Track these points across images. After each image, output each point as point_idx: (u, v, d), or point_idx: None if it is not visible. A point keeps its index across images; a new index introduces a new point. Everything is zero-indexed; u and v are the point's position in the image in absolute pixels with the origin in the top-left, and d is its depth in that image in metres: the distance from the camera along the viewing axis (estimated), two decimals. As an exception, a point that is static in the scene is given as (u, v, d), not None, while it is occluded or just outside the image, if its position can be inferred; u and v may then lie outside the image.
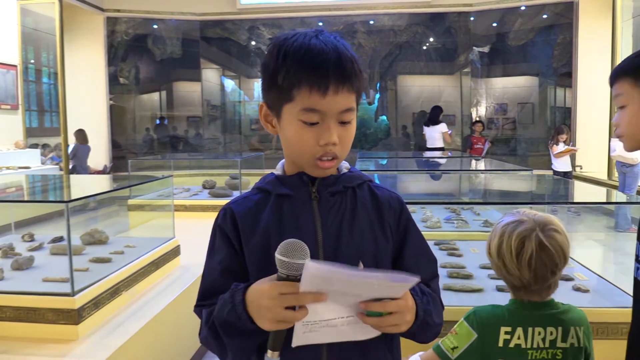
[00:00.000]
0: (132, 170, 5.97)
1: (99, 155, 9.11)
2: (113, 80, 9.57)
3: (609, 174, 7.16)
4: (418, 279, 0.82)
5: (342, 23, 9.55)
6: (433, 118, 8.20)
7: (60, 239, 2.94)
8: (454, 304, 1.92)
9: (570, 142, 7.19)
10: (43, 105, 8.79)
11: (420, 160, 5.78)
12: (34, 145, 8.16)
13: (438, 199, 3.23)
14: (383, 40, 9.60)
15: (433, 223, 3.19)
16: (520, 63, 9.28)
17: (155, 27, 9.73)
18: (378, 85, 9.86)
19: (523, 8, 8.87)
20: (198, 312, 1.00)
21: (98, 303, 2.27)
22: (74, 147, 7.99)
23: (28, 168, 7.02)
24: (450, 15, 9.31)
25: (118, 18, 9.45)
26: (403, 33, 9.53)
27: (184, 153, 9.58)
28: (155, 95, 10.27)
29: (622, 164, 6.00)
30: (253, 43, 9.83)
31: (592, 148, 7.83)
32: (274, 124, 1.00)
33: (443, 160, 5.88)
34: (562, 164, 6.95)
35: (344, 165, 1.05)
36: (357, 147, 9.34)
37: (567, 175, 6.78)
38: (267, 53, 0.96)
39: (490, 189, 3.44)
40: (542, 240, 1.25)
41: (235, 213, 1.00)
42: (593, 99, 7.98)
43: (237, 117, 10.40)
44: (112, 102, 9.60)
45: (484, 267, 2.37)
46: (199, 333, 1.01)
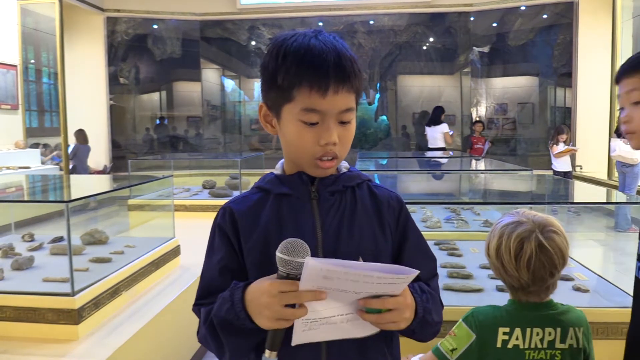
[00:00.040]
0: (132, 170, 5.96)
1: (99, 155, 9.11)
2: (113, 80, 9.57)
3: (609, 174, 7.16)
4: (417, 272, 0.83)
5: (342, 23, 9.55)
6: (435, 118, 8.21)
7: (60, 239, 2.94)
8: (454, 304, 1.92)
9: (570, 142, 7.19)
10: (43, 105, 8.79)
11: (420, 160, 5.78)
12: (35, 145, 8.16)
13: (438, 199, 3.23)
14: (383, 40, 9.60)
15: (433, 223, 3.19)
16: (520, 63, 9.28)
17: (155, 27, 9.73)
18: (378, 85, 9.85)
19: (523, 8, 8.87)
20: (197, 311, 1.00)
21: (98, 303, 2.27)
22: (74, 147, 7.99)
23: (28, 168, 7.02)
24: (450, 15, 9.31)
25: (118, 18, 9.45)
26: (403, 33, 9.53)
27: (184, 153, 9.57)
28: (155, 95, 10.27)
29: (622, 164, 6.00)
30: (253, 43, 9.83)
31: (592, 148, 7.83)
32: (274, 124, 1.00)
33: (443, 160, 5.88)
34: (562, 164, 6.95)
35: (343, 165, 1.05)
36: (357, 147, 9.34)
37: (567, 175, 6.78)
38: (266, 53, 0.96)
39: (490, 189, 3.44)
40: (541, 242, 1.25)
41: (235, 212, 1.00)
42: (593, 99, 7.98)
43: (237, 117, 10.40)
44: (112, 102, 9.60)
45: (484, 267, 2.37)
46: (197, 332, 1.01)
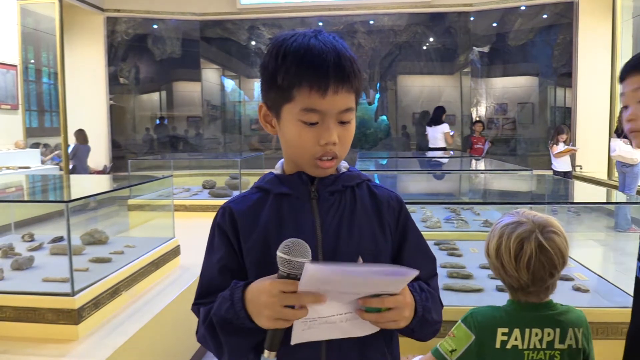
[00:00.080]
0: (132, 170, 5.96)
1: (99, 155, 9.11)
2: (113, 80, 9.57)
3: (609, 174, 7.16)
4: (417, 272, 0.82)
5: (342, 23, 9.55)
6: (436, 118, 8.22)
7: (60, 239, 2.94)
8: (454, 304, 1.92)
9: (570, 142, 7.19)
10: (43, 105, 8.79)
11: (420, 160, 5.78)
12: (36, 145, 8.16)
13: (438, 199, 3.23)
14: (383, 40, 9.60)
15: (433, 223, 3.19)
16: (520, 63, 9.28)
17: (155, 27, 9.73)
18: (378, 85, 9.85)
19: (523, 8, 8.87)
20: (196, 310, 1.00)
21: (98, 303, 2.27)
22: (74, 147, 7.99)
23: (28, 168, 7.02)
24: (450, 15, 9.31)
25: (118, 18, 9.45)
26: (403, 33, 9.53)
27: (184, 153, 9.57)
28: (155, 95, 10.27)
29: (622, 164, 5.99)
30: (253, 43, 9.83)
31: (592, 148, 7.83)
32: (274, 124, 1.00)
33: (443, 160, 5.88)
34: (562, 164, 6.95)
35: (343, 165, 1.05)
36: (357, 147, 9.34)
37: (567, 175, 6.78)
38: (266, 53, 0.96)
39: (490, 189, 3.44)
40: (541, 242, 1.25)
41: (235, 212, 1.00)
42: (593, 99, 7.98)
43: (237, 117, 10.40)
44: (112, 102, 9.60)
45: (484, 267, 2.37)
46: (196, 331, 1.01)
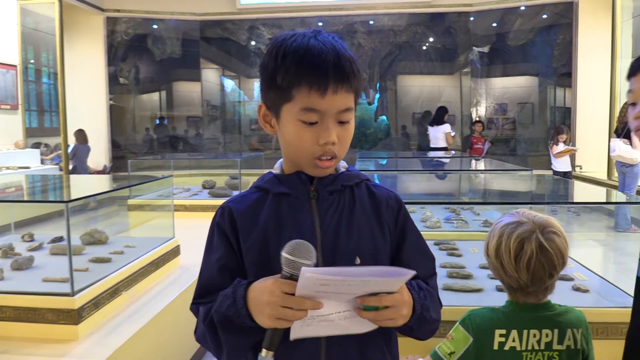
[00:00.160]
0: (132, 170, 5.96)
1: (99, 155, 9.11)
2: (113, 80, 9.57)
3: (609, 174, 7.16)
4: (413, 272, 0.83)
5: (342, 23, 9.55)
6: (438, 118, 8.26)
7: (60, 239, 2.94)
8: (454, 304, 1.92)
9: (570, 142, 7.19)
10: (43, 105, 8.78)
11: (420, 160, 5.78)
12: (37, 145, 8.15)
13: (438, 199, 3.23)
14: (383, 40, 9.60)
15: (433, 223, 3.19)
16: (520, 63, 9.27)
17: (155, 27, 9.73)
18: (378, 85, 9.85)
19: (523, 8, 8.87)
20: (194, 309, 1.00)
21: (98, 303, 2.26)
22: (74, 147, 7.99)
23: (28, 168, 7.02)
24: (450, 15, 9.31)
25: (118, 18, 9.45)
26: (403, 33, 9.53)
27: (184, 153, 9.57)
28: (155, 95, 10.27)
29: (621, 164, 5.99)
30: (253, 43, 9.83)
31: (591, 148, 7.82)
32: (273, 124, 1.00)
33: (443, 160, 5.88)
34: (562, 164, 6.95)
35: (342, 165, 1.05)
36: (356, 147, 9.34)
37: (567, 175, 6.78)
38: (265, 53, 0.97)
39: (490, 189, 3.44)
40: (541, 243, 1.25)
41: (234, 211, 1.00)
42: (593, 99, 7.98)
43: (237, 117, 10.40)
44: (112, 102, 9.60)
45: (484, 267, 2.37)
46: (195, 331, 1.01)
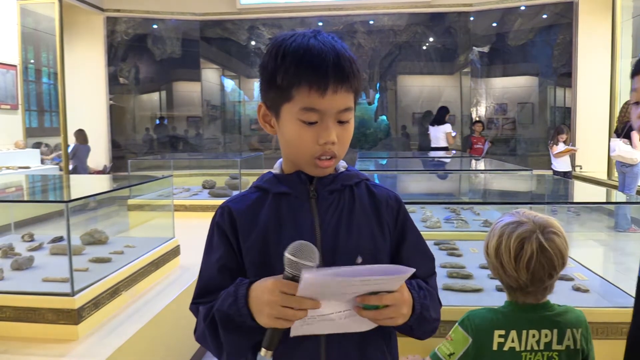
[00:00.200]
0: (132, 170, 5.96)
1: (99, 155, 9.11)
2: (113, 80, 9.57)
3: (609, 174, 7.16)
4: (413, 270, 0.83)
5: (342, 23, 9.55)
6: (439, 118, 8.28)
7: (60, 239, 2.94)
8: (454, 304, 1.92)
9: (570, 142, 7.19)
10: (43, 105, 8.78)
11: (420, 160, 5.78)
12: (38, 145, 8.15)
13: (438, 199, 3.23)
14: (383, 40, 9.59)
15: (433, 223, 3.19)
16: (520, 63, 9.28)
17: (155, 27, 9.73)
18: (378, 85, 9.85)
19: (523, 8, 8.87)
20: (194, 309, 1.00)
21: (98, 303, 2.26)
22: (74, 147, 7.99)
23: (28, 168, 7.02)
24: (450, 15, 9.31)
25: (118, 18, 9.45)
26: (403, 33, 9.52)
27: (184, 153, 9.57)
28: (155, 95, 10.27)
29: (621, 164, 5.99)
30: (253, 43, 9.83)
31: (591, 148, 7.83)
32: (273, 124, 1.00)
33: (443, 160, 5.88)
34: (562, 164, 6.95)
35: (341, 165, 1.05)
36: (356, 147, 9.34)
37: (567, 175, 6.78)
38: (265, 53, 0.97)
39: (490, 189, 3.44)
40: (542, 243, 1.24)
41: (234, 211, 1.00)
42: (593, 99, 7.98)
43: (237, 117, 10.40)
44: (112, 102, 9.60)
45: (484, 267, 2.37)
46: (195, 331, 1.01)
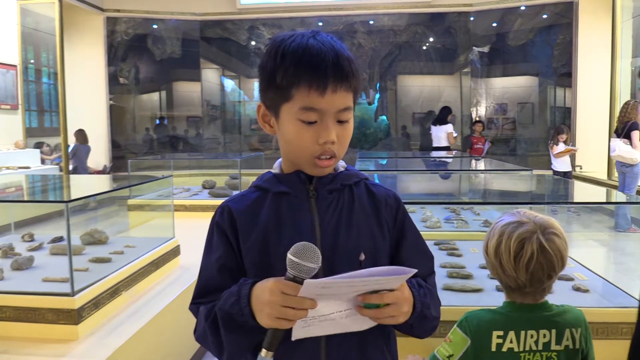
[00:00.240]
0: (132, 170, 5.96)
1: (99, 155, 9.11)
2: (113, 80, 9.57)
3: (609, 174, 7.15)
4: (414, 271, 0.84)
5: (342, 23, 9.54)
6: (441, 118, 8.31)
7: (60, 239, 2.94)
8: (454, 304, 1.92)
9: (570, 142, 7.19)
10: (43, 105, 8.78)
11: (420, 160, 5.78)
12: (39, 145, 8.15)
13: (438, 199, 3.23)
14: (383, 40, 9.59)
15: (433, 223, 3.19)
16: (520, 63, 9.28)
17: (155, 27, 9.73)
18: (378, 85, 9.85)
19: (523, 8, 8.87)
20: (194, 309, 1.00)
21: (98, 303, 2.26)
22: (74, 147, 7.99)
23: (28, 168, 7.02)
24: (450, 15, 9.31)
25: (118, 18, 9.45)
26: (403, 33, 9.52)
27: (184, 153, 9.57)
28: (155, 95, 10.27)
29: (621, 164, 5.99)
30: (253, 43, 9.83)
31: (592, 148, 7.83)
32: (272, 124, 1.00)
33: (443, 160, 5.88)
34: (562, 164, 6.95)
35: (341, 164, 1.06)
36: (356, 147, 9.34)
37: (567, 175, 6.78)
38: (265, 54, 0.97)
39: (490, 189, 3.44)
40: (542, 243, 1.24)
41: (233, 211, 1.00)
42: (593, 99, 7.98)
43: (237, 117, 10.40)
44: (112, 102, 9.60)
45: (484, 267, 2.36)
46: (194, 331, 1.01)
